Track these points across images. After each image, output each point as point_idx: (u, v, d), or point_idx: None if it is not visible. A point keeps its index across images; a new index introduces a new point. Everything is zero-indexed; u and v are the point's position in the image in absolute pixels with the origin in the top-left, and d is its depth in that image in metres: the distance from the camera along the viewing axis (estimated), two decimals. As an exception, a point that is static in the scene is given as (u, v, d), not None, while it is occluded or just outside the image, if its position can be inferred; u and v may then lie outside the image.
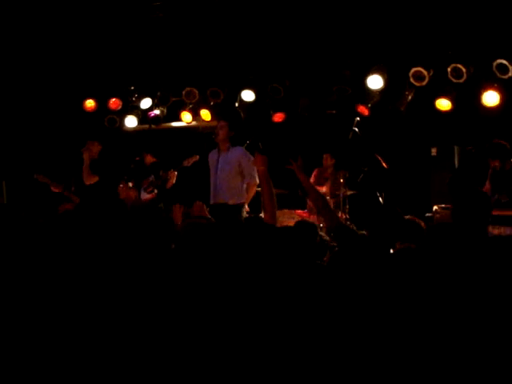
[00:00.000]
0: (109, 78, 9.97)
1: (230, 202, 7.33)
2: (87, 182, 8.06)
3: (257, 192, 9.11)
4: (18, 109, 10.15)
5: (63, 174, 8.53)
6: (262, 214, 8.37)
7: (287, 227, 3.68)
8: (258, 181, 7.16)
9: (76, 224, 3.17)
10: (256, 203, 9.23)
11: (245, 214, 7.50)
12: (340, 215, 8.83)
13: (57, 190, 8.27)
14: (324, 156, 9.56)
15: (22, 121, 10.27)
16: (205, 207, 5.24)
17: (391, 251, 3.44)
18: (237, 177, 7.39)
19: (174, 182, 8.33)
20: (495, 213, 6.59)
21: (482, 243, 2.95)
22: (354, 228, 8.83)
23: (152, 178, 8.38)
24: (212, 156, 7.74)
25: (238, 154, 7.47)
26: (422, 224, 4.40)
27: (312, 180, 9.60)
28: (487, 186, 7.37)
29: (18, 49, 9.46)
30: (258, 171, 4.38)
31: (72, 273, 2.93)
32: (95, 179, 8.10)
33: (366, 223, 3.58)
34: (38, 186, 9.27)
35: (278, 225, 4.32)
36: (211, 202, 7.45)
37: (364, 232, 4.79)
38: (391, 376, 2.48)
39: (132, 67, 9.81)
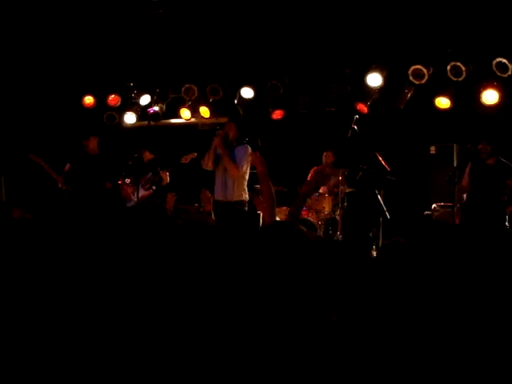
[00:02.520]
0: (108, 74, 9.97)
1: (234, 199, 7.37)
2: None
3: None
4: (18, 105, 10.14)
5: (62, 169, 8.53)
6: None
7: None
8: (240, 171, 7.33)
9: (69, 219, 3.17)
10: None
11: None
12: (338, 213, 8.85)
13: (50, 172, 8.28)
14: (325, 153, 9.51)
15: (22, 117, 10.26)
16: (212, 199, 5.24)
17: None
18: (242, 175, 7.44)
19: (169, 180, 8.35)
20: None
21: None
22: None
23: (150, 174, 8.39)
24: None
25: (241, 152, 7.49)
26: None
27: (309, 179, 9.55)
28: (466, 178, 7.33)
29: (18, 45, 9.45)
30: (257, 171, 4.26)
31: (65, 269, 2.93)
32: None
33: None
34: (36, 182, 9.28)
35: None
36: (219, 198, 7.39)
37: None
38: (387, 375, 2.48)
39: (131, 64, 9.81)
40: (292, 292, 2.56)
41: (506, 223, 7.05)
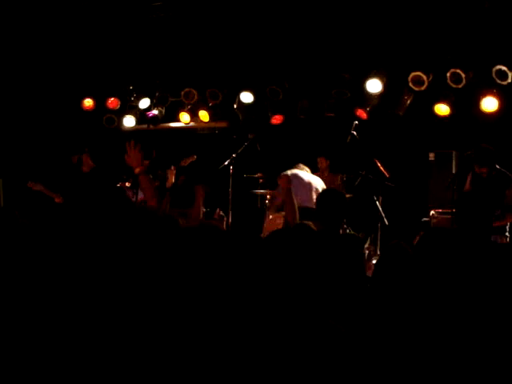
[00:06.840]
0: (107, 77, 9.96)
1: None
2: None
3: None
4: (17, 107, 10.13)
5: (60, 174, 8.52)
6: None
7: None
8: None
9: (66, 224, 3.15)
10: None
11: None
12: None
13: (52, 196, 8.29)
14: (318, 159, 9.51)
15: (21, 119, 10.25)
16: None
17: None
18: None
19: (173, 180, 8.34)
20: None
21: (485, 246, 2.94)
22: (351, 231, 8.85)
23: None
24: None
25: None
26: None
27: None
28: (467, 185, 7.30)
29: (17, 48, 9.45)
30: (282, 189, 5.10)
31: (65, 271, 2.92)
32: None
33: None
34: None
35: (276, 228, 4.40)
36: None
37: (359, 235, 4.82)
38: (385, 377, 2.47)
39: (131, 67, 9.80)
40: (290, 295, 2.55)
41: (507, 233, 7.01)
